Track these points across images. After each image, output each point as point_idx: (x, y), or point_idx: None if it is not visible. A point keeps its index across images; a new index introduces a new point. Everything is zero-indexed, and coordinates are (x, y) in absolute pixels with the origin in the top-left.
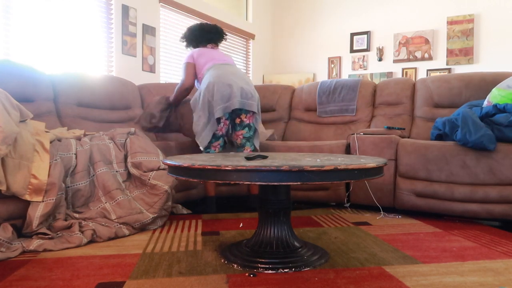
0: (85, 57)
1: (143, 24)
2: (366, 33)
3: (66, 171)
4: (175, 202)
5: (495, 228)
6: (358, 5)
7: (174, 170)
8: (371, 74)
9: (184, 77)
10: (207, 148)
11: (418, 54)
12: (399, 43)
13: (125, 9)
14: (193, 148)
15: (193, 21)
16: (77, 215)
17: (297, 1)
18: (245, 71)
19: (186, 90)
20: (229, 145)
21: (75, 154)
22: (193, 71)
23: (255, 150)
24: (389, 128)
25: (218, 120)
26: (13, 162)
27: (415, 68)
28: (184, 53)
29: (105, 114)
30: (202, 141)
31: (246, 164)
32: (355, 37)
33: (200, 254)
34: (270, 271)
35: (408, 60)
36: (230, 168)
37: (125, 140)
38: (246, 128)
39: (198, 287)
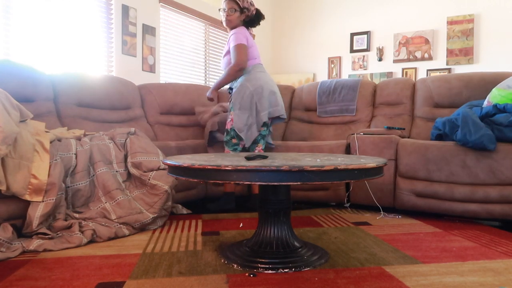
0: (85, 57)
1: (143, 24)
2: (366, 33)
3: (66, 171)
4: (175, 202)
5: (495, 228)
6: (358, 5)
7: (174, 170)
8: (371, 74)
9: (239, 57)
10: (236, 145)
11: (418, 54)
12: (399, 43)
13: (125, 9)
14: (193, 148)
15: (193, 21)
16: (77, 215)
17: (297, 1)
18: None
19: (241, 70)
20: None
21: (75, 154)
22: (247, 53)
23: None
24: (389, 128)
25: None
26: (13, 162)
27: (415, 68)
28: (185, 53)
29: (105, 114)
30: (249, 138)
31: (246, 164)
32: (355, 37)
33: (200, 254)
34: (270, 271)
35: (408, 60)
36: (230, 168)
37: (125, 140)
38: (265, 127)
39: (198, 287)
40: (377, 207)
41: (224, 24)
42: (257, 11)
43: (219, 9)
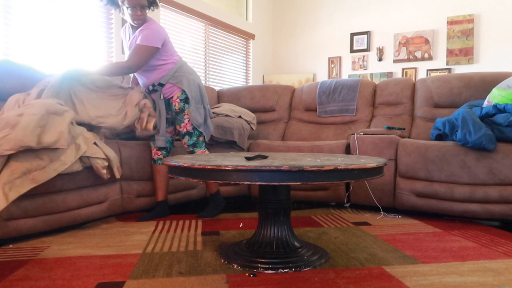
0: (85, 57)
1: None
2: (366, 33)
3: None
4: (175, 202)
5: (495, 228)
6: (358, 5)
7: (174, 170)
8: (371, 74)
9: (138, 60)
10: (205, 145)
11: (418, 54)
12: (399, 43)
13: None
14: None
15: (193, 21)
16: None
17: (297, 1)
18: (245, 71)
19: (128, 73)
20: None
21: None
22: (151, 58)
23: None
24: (389, 128)
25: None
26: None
27: (415, 68)
28: (184, 53)
29: None
30: (207, 133)
31: (246, 164)
32: (355, 37)
33: (200, 254)
34: (270, 271)
35: (408, 60)
36: (230, 168)
37: None
38: None
39: (198, 287)
40: (377, 207)
41: (134, 24)
42: None
43: (133, 7)
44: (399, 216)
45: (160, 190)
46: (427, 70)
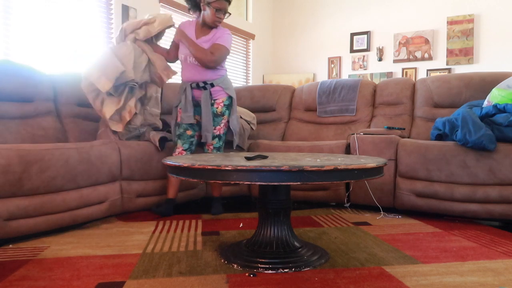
0: (85, 57)
1: None
2: (366, 33)
3: None
4: (177, 202)
5: (495, 228)
6: (358, 5)
7: (174, 170)
8: (371, 74)
9: (220, 58)
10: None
11: (418, 54)
12: (399, 43)
13: (125, 9)
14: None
15: None
16: None
17: (297, 1)
18: (245, 71)
19: (210, 66)
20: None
21: None
22: (224, 60)
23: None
24: (389, 128)
25: None
26: None
27: (415, 68)
28: None
29: None
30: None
31: (246, 164)
32: (355, 37)
33: (200, 254)
34: (270, 271)
35: (408, 60)
36: (230, 168)
37: None
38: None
39: (198, 287)
40: (377, 207)
41: (212, 24)
42: None
43: (219, 10)
44: (399, 216)
45: (172, 187)
46: (427, 70)
